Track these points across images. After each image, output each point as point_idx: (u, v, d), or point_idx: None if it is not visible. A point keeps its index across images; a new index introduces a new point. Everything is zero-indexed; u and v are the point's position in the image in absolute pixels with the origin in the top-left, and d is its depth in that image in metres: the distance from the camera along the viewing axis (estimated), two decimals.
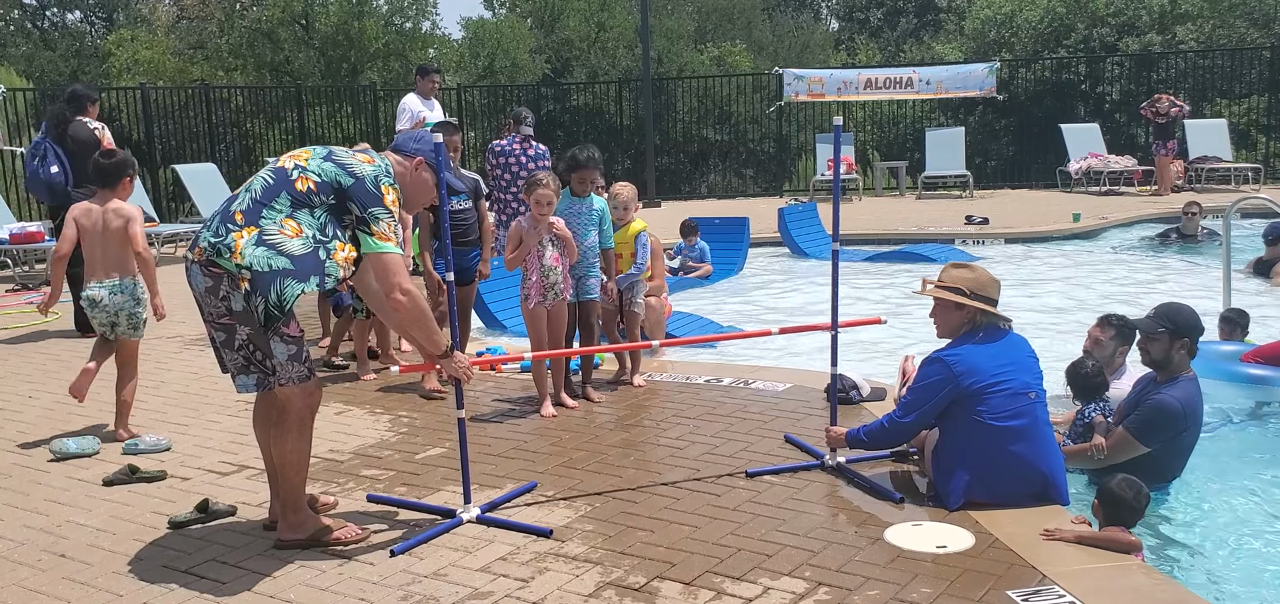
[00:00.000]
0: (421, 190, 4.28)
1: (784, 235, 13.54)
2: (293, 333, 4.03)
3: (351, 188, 3.99)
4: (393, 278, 3.99)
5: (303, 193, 3.98)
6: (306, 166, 4.02)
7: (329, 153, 4.11)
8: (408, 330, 4.08)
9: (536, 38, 26.88)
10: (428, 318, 4.13)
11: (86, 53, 27.67)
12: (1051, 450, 4.48)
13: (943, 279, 4.64)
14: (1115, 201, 17.42)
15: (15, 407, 6.62)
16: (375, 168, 4.07)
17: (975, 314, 4.54)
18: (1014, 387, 4.40)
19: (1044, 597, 3.60)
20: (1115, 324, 5.78)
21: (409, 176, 4.22)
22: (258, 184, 4.04)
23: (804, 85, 20.73)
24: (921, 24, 35.21)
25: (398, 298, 3.99)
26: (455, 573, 3.95)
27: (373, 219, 3.97)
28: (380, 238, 3.96)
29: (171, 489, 4.98)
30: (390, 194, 4.04)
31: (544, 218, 5.97)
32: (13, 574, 4.07)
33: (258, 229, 3.94)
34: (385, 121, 19.86)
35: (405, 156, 4.23)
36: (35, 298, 10.93)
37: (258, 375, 4.15)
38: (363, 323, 7.09)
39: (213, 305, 4.06)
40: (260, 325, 3.97)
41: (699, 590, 3.74)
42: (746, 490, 4.70)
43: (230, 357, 4.14)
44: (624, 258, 6.72)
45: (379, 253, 3.97)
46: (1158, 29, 23.32)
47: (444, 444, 5.51)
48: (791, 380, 6.56)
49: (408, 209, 4.37)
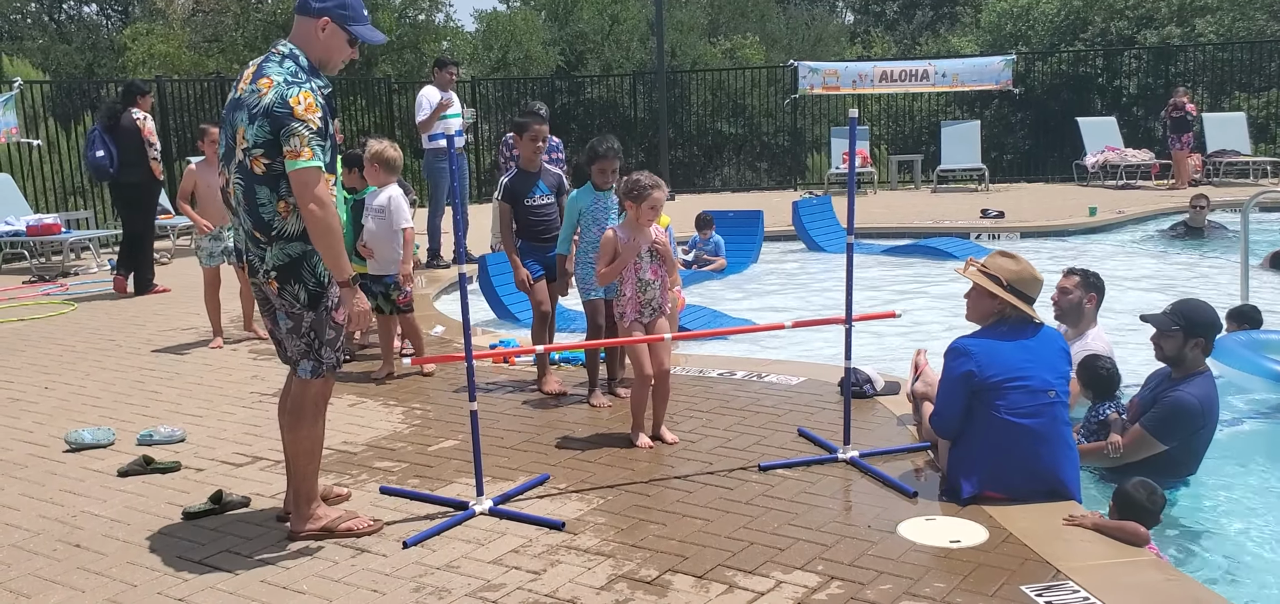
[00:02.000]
0: (334, 50, 4.10)
1: (798, 229, 13.50)
2: (339, 319, 4.08)
3: (270, 127, 3.88)
4: (307, 190, 3.88)
5: (263, 173, 3.93)
6: (249, 145, 3.93)
7: (247, 114, 3.93)
8: (315, 242, 4.00)
9: (550, 30, 26.85)
10: (335, 235, 3.98)
11: (102, 46, 27.77)
12: (1068, 452, 4.44)
13: (986, 265, 4.63)
14: (1132, 196, 17.31)
15: (31, 397, 6.66)
16: (276, 87, 3.89)
17: (1005, 307, 4.52)
18: (1033, 384, 4.37)
19: (1058, 592, 3.58)
20: (1080, 273, 5.81)
21: (318, 44, 4.05)
22: (240, 192, 4.00)
23: (819, 78, 20.66)
24: (937, 17, 35.05)
25: (310, 209, 3.89)
26: (468, 565, 3.95)
27: (284, 139, 3.86)
28: (290, 156, 3.85)
29: (186, 480, 5.00)
30: (300, 103, 3.88)
31: (645, 226, 5.34)
32: (28, 563, 4.09)
33: (273, 232, 3.97)
34: (399, 114, 19.89)
35: (309, 18, 4.04)
36: (52, 290, 11.01)
37: (313, 362, 4.13)
38: (388, 319, 6.99)
39: (285, 299, 4.05)
40: (306, 307, 4.02)
41: (711, 584, 3.74)
42: (759, 484, 4.68)
43: (294, 343, 4.11)
44: None
45: (294, 169, 3.87)
46: (1176, 22, 23.15)
47: (456, 436, 5.51)
48: (805, 374, 6.53)
49: (329, 70, 4.13)
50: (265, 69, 3.96)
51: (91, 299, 10.42)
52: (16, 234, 12.45)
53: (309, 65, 4.02)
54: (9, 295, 10.78)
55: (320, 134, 3.92)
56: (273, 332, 4.26)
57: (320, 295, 4.05)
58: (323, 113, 3.94)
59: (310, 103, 3.90)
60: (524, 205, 6.41)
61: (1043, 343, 4.51)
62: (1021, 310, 4.51)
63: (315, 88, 3.95)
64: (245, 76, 4.02)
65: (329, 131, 4.00)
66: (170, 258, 13.14)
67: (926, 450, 5.04)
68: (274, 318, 4.17)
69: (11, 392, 6.81)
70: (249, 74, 4.02)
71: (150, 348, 8.04)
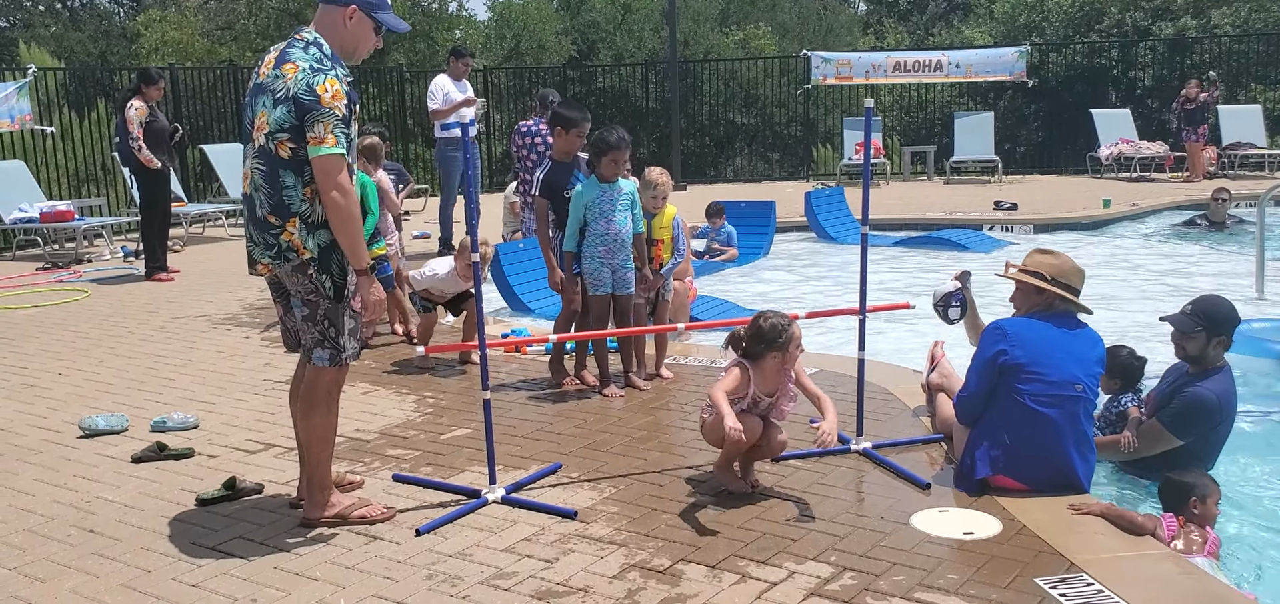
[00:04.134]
0: (362, 39, 4.11)
1: (811, 220, 13.48)
2: (356, 306, 4.09)
3: (294, 112, 3.87)
4: (329, 178, 3.88)
5: (289, 157, 3.92)
6: (273, 130, 3.92)
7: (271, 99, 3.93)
8: (335, 231, 3.99)
9: (563, 19, 26.82)
10: (355, 223, 3.97)
11: (114, 34, 27.81)
12: (1087, 449, 4.42)
13: (1026, 263, 4.67)
14: (1146, 188, 17.23)
15: (46, 383, 6.69)
16: (301, 73, 3.88)
17: (1054, 300, 4.54)
18: (1061, 376, 4.35)
19: (1072, 584, 3.56)
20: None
21: (344, 33, 4.05)
22: (259, 177, 3.98)
23: (831, 68, 20.60)
24: (951, 7, 34.88)
25: (332, 196, 3.88)
26: (480, 552, 3.96)
27: (309, 125, 3.86)
28: (314, 143, 3.85)
29: (199, 467, 5.01)
30: (327, 89, 3.87)
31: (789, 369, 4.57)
32: (43, 549, 4.11)
33: (298, 218, 3.95)
34: (411, 103, 19.89)
35: (335, 6, 4.04)
36: (64, 276, 11.06)
37: (330, 351, 4.12)
38: (430, 315, 7.12)
39: (301, 284, 4.04)
40: (332, 298, 4.03)
41: (723, 573, 3.73)
42: (772, 474, 4.68)
43: (309, 332, 4.10)
44: (664, 243, 6.37)
45: (317, 156, 3.87)
46: (1192, 13, 22.99)
47: (469, 425, 5.52)
48: (818, 365, 6.50)
49: (353, 59, 4.14)
50: (289, 55, 3.95)
51: (104, 282, 10.46)
52: (30, 221, 12.49)
53: (332, 54, 4.01)
54: (23, 282, 10.82)
55: (345, 122, 3.91)
56: (283, 319, 4.26)
57: (344, 288, 4.04)
58: (348, 100, 3.94)
59: (337, 90, 3.89)
60: (562, 198, 6.17)
61: (1080, 340, 4.51)
62: (1069, 302, 4.53)
63: (340, 76, 3.95)
64: (267, 62, 4.01)
65: (352, 120, 4.00)
66: (183, 245, 13.18)
67: (941, 442, 5.02)
68: (287, 304, 4.17)
69: (25, 377, 6.84)
70: (271, 60, 4.01)
71: (164, 334, 8.07)
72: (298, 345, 4.23)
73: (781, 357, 4.41)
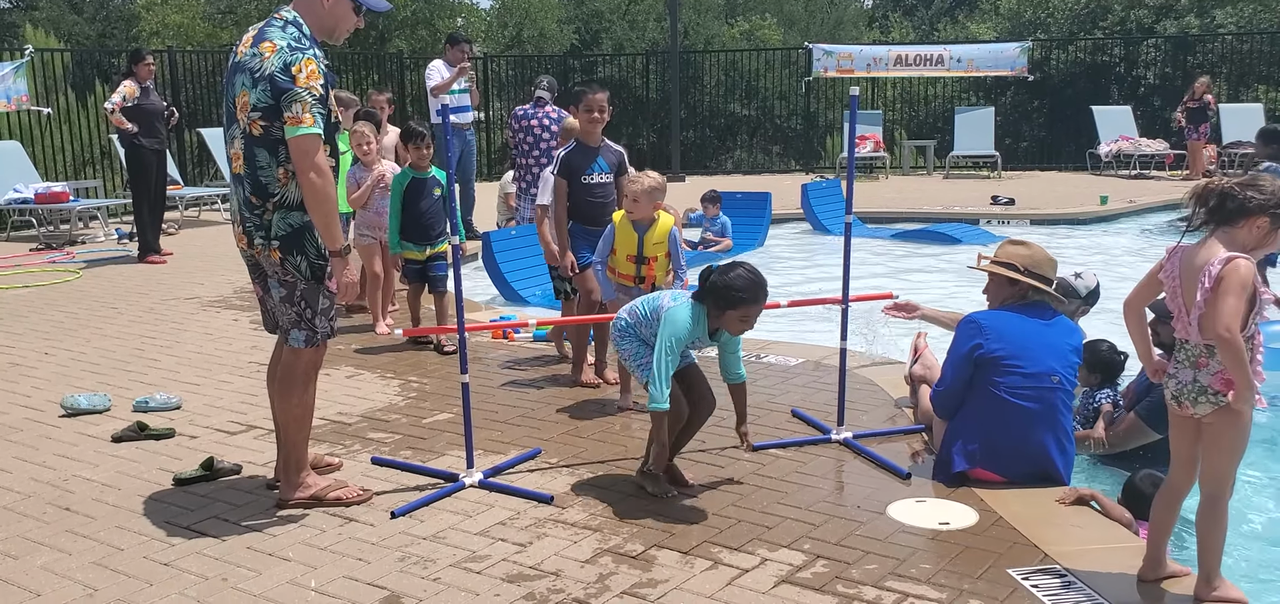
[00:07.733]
0: (341, 19, 4.10)
1: (806, 211, 13.46)
2: (331, 288, 4.09)
3: (271, 92, 3.85)
4: (307, 158, 3.87)
5: (261, 135, 3.91)
6: (251, 108, 3.90)
7: (250, 78, 3.91)
8: (311, 210, 3.98)
9: (565, 8, 26.75)
10: (331, 204, 3.96)
11: (114, 16, 27.75)
12: (1065, 440, 4.40)
13: (998, 255, 4.66)
14: (1144, 185, 17.19)
15: (31, 362, 6.68)
16: (279, 53, 3.87)
17: (1027, 291, 4.53)
18: (1037, 367, 4.33)
19: (1045, 575, 3.55)
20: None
21: (324, 12, 4.04)
22: (243, 158, 3.97)
23: (833, 61, 20.55)
24: (956, 3, 34.79)
25: (309, 177, 3.87)
26: (454, 536, 3.95)
27: (286, 105, 3.85)
28: (291, 122, 3.84)
29: (179, 447, 5.00)
30: (303, 70, 3.86)
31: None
32: (18, 526, 4.10)
33: (273, 198, 3.95)
34: (412, 90, 19.86)
35: None
36: (58, 257, 11.05)
37: (306, 332, 4.11)
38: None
39: (287, 270, 4.03)
40: (309, 279, 4.03)
41: (695, 559, 3.72)
42: (751, 463, 4.66)
43: (286, 313, 4.10)
44: (657, 261, 5.52)
45: (294, 136, 3.85)
46: (1196, 11, 22.90)
47: (451, 409, 5.50)
48: (803, 355, 6.50)
49: (334, 38, 4.15)
50: (267, 33, 3.94)
51: (97, 263, 10.45)
52: (25, 202, 12.48)
53: (310, 34, 4.00)
54: (15, 263, 10.81)
55: (321, 102, 3.90)
56: (262, 299, 4.25)
57: (323, 268, 4.04)
58: (324, 81, 3.93)
59: (313, 70, 3.88)
60: (580, 183, 5.82)
61: (1056, 330, 4.49)
62: (1043, 292, 4.52)
63: (317, 56, 3.94)
64: (245, 41, 4.01)
65: (329, 100, 3.99)
66: (177, 228, 13.17)
67: (922, 433, 5.01)
68: (265, 285, 4.16)
69: (12, 356, 6.83)
70: (249, 38, 4.00)
71: (153, 316, 8.06)
72: (277, 327, 4.22)
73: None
